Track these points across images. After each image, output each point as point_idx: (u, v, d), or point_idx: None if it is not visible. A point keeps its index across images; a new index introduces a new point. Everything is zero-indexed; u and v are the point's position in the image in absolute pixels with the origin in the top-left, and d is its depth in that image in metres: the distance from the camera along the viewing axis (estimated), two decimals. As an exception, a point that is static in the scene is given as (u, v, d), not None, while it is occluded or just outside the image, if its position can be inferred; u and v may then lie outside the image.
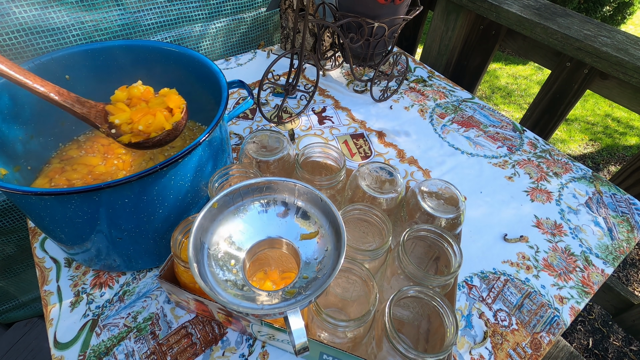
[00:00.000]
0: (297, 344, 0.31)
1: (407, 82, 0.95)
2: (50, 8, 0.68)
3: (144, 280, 0.54)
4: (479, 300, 0.55)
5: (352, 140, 0.79)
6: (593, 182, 0.73)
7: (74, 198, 0.39)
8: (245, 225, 0.39)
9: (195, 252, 0.34)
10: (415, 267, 0.41)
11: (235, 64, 0.97)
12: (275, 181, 0.39)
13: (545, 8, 0.87)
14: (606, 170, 2.00)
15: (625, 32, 0.79)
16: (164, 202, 0.45)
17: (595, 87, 0.82)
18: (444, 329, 0.37)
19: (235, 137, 0.78)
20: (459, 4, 0.97)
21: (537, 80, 2.66)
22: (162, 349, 0.47)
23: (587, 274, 0.59)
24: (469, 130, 0.82)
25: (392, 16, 0.73)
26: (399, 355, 0.35)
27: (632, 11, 3.08)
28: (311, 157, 0.55)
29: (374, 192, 0.49)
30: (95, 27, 0.75)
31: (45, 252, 0.57)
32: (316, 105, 0.87)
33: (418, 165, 0.74)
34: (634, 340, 1.34)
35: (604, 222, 0.66)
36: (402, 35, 1.23)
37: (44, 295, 0.52)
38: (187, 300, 0.46)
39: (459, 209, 0.48)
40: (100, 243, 0.47)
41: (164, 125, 0.46)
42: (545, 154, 0.78)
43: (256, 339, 0.49)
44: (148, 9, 0.79)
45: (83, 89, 0.58)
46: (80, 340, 0.48)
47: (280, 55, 0.69)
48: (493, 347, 0.50)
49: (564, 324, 0.53)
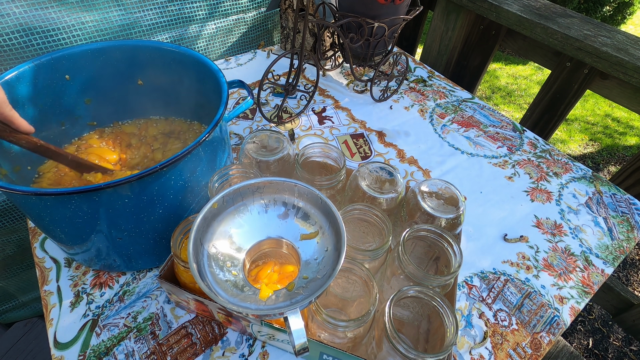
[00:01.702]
0: (297, 344, 0.31)
1: (407, 82, 0.95)
2: (50, 8, 0.68)
3: (144, 280, 0.54)
4: (479, 300, 0.55)
5: (352, 140, 0.79)
6: (593, 182, 0.73)
7: (74, 198, 0.39)
8: (245, 226, 0.39)
9: (195, 253, 0.34)
10: (415, 267, 0.41)
11: (235, 64, 0.97)
12: (275, 181, 0.39)
13: (545, 8, 0.87)
14: (606, 170, 2.00)
15: (625, 32, 0.79)
16: (164, 202, 0.45)
17: (595, 87, 0.82)
18: (444, 329, 0.37)
19: (235, 137, 0.78)
20: (459, 4, 0.97)
21: (537, 80, 2.66)
22: (162, 349, 0.47)
23: (587, 274, 0.59)
24: (469, 130, 0.82)
25: (392, 16, 0.73)
26: (399, 355, 0.35)
27: (632, 11, 3.08)
28: (311, 157, 0.55)
29: (374, 192, 0.49)
30: (95, 27, 0.75)
31: (45, 252, 0.57)
32: (316, 105, 0.87)
33: (418, 165, 0.74)
34: (634, 340, 1.34)
35: (604, 222, 0.66)
36: (402, 35, 1.23)
37: (44, 295, 0.52)
38: (187, 300, 0.46)
39: (459, 209, 0.48)
40: (100, 243, 0.47)
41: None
42: (545, 154, 0.78)
43: (256, 339, 0.49)
44: (148, 9, 0.79)
45: (83, 89, 0.58)
46: (80, 340, 0.48)
47: (280, 55, 0.69)
48: (493, 347, 0.50)
49: (564, 324, 0.53)
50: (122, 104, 0.63)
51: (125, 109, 0.64)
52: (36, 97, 0.53)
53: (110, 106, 0.62)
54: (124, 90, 0.61)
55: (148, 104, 0.64)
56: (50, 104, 0.55)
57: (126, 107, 0.64)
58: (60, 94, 0.56)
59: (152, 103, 0.64)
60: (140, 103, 0.64)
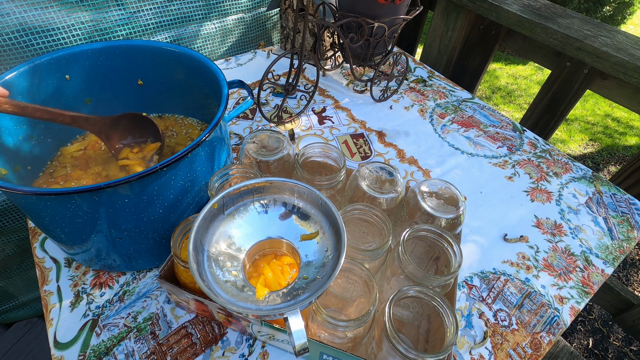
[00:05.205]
0: (297, 344, 0.31)
1: (407, 82, 0.95)
2: (50, 8, 0.67)
3: (144, 280, 0.54)
4: (479, 300, 0.55)
5: (352, 140, 0.79)
6: (593, 182, 0.73)
7: (74, 198, 0.39)
8: (245, 226, 0.39)
9: (195, 253, 0.34)
10: (415, 267, 0.41)
11: (235, 64, 0.97)
12: (275, 181, 0.39)
13: (545, 8, 0.87)
14: (606, 170, 2.00)
15: (625, 32, 0.79)
16: (164, 202, 0.45)
17: (595, 87, 0.82)
18: (444, 329, 0.37)
19: (235, 137, 0.78)
20: (459, 4, 0.97)
21: (537, 80, 2.66)
22: (162, 349, 0.47)
23: (587, 274, 0.59)
24: (469, 130, 0.82)
25: (392, 16, 0.73)
26: (399, 355, 0.35)
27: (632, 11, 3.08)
28: (311, 157, 0.55)
29: (374, 192, 0.49)
30: (95, 27, 0.75)
31: (45, 252, 0.57)
32: (316, 105, 0.87)
33: (418, 165, 0.74)
34: (634, 340, 1.34)
35: (604, 222, 0.66)
36: (402, 35, 1.23)
37: (44, 295, 0.52)
38: (187, 300, 0.46)
39: (459, 209, 0.48)
40: (100, 243, 0.47)
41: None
42: (545, 154, 0.78)
43: (256, 339, 0.49)
44: (148, 9, 0.79)
45: (83, 89, 0.58)
46: (80, 340, 0.48)
47: (280, 55, 0.69)
48: (493, 347, 0.50)
49: (564, 324, 0.53)
50: (122, 104, 0.63)
51: (125, 109, 0.64)
52: (36, 97, 0.53)
53: (110, 106, 0.62)
54: (124, 90, 0.61)
55: (148, 104, 0.64)
56: (50, 104, 0.55)
57: (126, 107, 0.64)
58: (60, 94, 0.56)
59: (152, 103, 0.64)
60: (140, 103, 0.64)
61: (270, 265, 0.38)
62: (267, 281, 0.37)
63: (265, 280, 0.37)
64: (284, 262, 0.39)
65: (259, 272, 0.38)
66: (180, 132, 0.63)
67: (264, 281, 0.37)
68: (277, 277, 0.37)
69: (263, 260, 0.39)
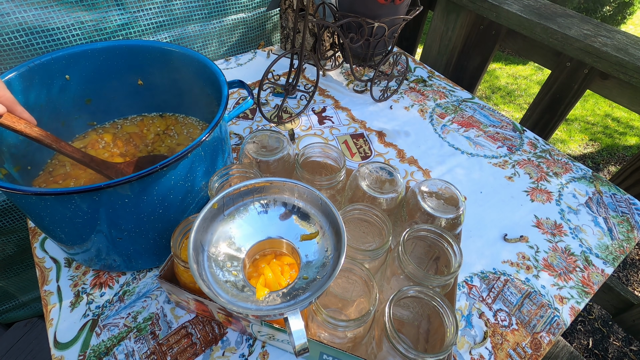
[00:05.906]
0: (297, 345, 0.31)
1: (407, 82, 0.95)
2: (50, 8, 0.67)
3: (144, 280, 0.54)
4: (479, 300, 0.55)
5: (352, 140, 0.79)
6: (593, 182, 0.73)
7: (74, 198, 0.39)
8: (245, 226, 0.39)
9: (195, 253, 0.34)
10: (415, 267, 0.41)
11: (235, 64, 0.97)
12: (275, 181, 0.39)
13: (545, 8, 0.87)
14: (606, 170, 2.00)
15: (625, 32, 0.79)
16: (164, 202, 0.45)
17: (595, 87, 0.82)
18: (444, 329, 0.37)
19: (235, 137, 0.78)
20: (459, 4, 0.97)
21: (537, 80, 2.66)
22: (162, 349, 0.47)
23: (587, 274, 0.59)
24: (469, 130, 0.82)
25: (392, 16, 0.73)
26: (399, 355, 0.35)
27: (632, 11, 3.08)
28: (311, 157, 0.55)
29: (374, 192, 0.49)
30: (95, 27, 0.75)
31: (45, 252, 0.57)
32: (316, 105, 0.87)
33: (418, 165, 0.74)
34: (634, 340, 1.34)
35: (604, 222, 0.66)
36: (402, 35, 1.23)
37: (44, 295, 0.52)
38: (187, 300, 0.46)
39: (459, 209, 0.48)
40: (100, 243, 0.47)
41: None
42: (545, 154, 0.78)
43: (256, 339, 0.49)
44: (148, 9, 0.79)
45: (83, 89, 0.58)
46: (80, 340, 0.48)
47: (280, 55, 0.69)
48: (493, 347, 0.50)
49: (564, 324, 0.53)
50: (122, 104, 0.63)
51: (126, 109, 0.64)
52: (36, 97, 0.53)
53: (110, 106, 0.62)
54: (124, 90, 0.61)
55: (148, 104, 0.64)
56: (50, 104, 0.55)
57: (126, 107, 0.64)
58: (60, 94, 0.56)
59: (152, 103, 0.64)
60: (140, 103, 0.64)
61: (270, 265, 0.38)
62: (267, 281, 0.37)
63: (265, 280, 0.37)
64: (284, 262, 0.39)
65: (259, 272, 0.38)
66: (182, 132, 0.63)
67: (264, 281, 0.37)
68: (277, 277, 0.37)
69: (263, 260, 0.39)
